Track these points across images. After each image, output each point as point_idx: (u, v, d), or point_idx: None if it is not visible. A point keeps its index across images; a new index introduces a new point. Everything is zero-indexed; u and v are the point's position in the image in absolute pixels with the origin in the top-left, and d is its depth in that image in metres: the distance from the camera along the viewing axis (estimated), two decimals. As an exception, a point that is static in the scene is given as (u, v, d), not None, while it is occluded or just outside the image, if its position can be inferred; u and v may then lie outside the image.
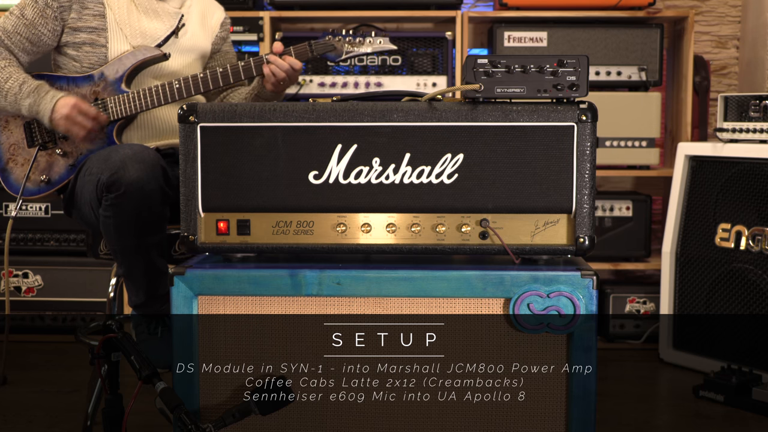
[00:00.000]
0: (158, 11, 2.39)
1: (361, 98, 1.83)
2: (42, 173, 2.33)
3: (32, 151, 2.34)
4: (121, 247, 2.11)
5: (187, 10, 2.46)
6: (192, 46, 2.45)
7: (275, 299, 1.73)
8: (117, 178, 2.03)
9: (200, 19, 2.49)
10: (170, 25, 2.39)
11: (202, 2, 2.53)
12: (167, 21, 2.40)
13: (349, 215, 1.76)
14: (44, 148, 2.34)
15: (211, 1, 2.59)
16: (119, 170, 2.03)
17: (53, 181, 2.33)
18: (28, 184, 2.33)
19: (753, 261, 3.01)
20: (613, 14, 3.49)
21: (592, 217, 1.73)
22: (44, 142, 2.33)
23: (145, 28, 2.35)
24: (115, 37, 2.32)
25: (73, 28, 2.31)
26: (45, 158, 2.34)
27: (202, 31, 2.49)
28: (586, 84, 1.70)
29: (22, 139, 2.36)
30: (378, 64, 3.51)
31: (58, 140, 2.32)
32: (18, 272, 3.59)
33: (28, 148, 2.35)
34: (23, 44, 2.31)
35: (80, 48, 2.32)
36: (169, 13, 2.41)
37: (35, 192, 2.34)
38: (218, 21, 2.55)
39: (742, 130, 3.09)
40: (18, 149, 2.36)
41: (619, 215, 3.59)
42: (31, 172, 2.33)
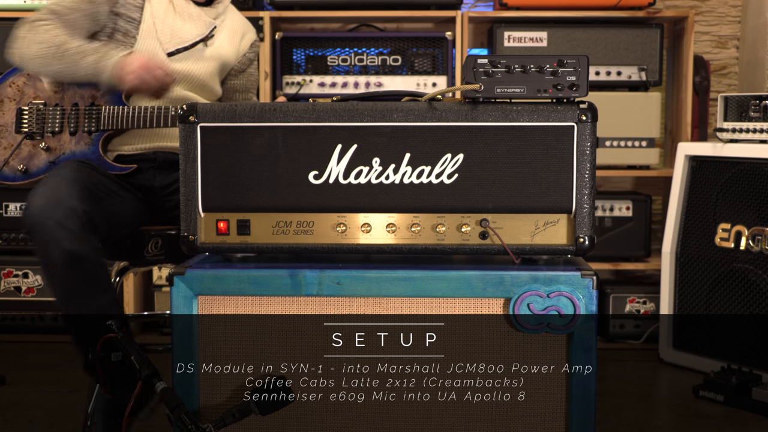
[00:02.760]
0: (194, 16, 2.41)
1: (361, 98, 1.83)
2: (21, 162, 2.32)
3: (18, 137, 2.34)
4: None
5: (220, 22, 2.48)
6: (215, 56, 2.46)
7: (275, 299, 1.73)
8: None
9: (230, 34, 2.51)
10: (201, 32, 2.42)
11: (236, 18, 2.56)
12: (199, 28, 2.42)
13: (349, 215, 1.76)
14: (31, 138, 2.33)
15: (245, 20, 2.62)
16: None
17: (30, 173, 2.32)
18: (6, 169, 2.32)
19: (753, 261, 3.01)
20: (613, 14, 3.49)
21: (592, 217, 1.73)
22: (32, 132, 2.33)
23: (177, 29, 2.38)
24: (146, 33, 2.33)
25: (115, 13, 2.32)
26: (28, 148, 2.33)
27: (229, 45, 2.51)
28: (586, 84, 1.70)
29: (11, 123, 2.35)
30: (378, 64, 3.51)
31: (46, 134, 2.32)
32: (18, 272, 3.59)
33: (14, 134, 2.34)
34: (81, 21, 2.30)
35: (113, 35, 2.33)
36: (204, 21, 2.43)
37: (10, 178, 2.33)
38: (248, 41, 2.58)
39: (742, 130, 3.09)
40: (4, 132, 2.35)
41: (619, 215, 3.59)
42: (11, 158, 2.32)
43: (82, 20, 2.31)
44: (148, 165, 2.37)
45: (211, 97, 2.52)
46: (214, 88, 2.50)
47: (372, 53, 3.50)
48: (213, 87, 2.50)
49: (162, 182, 2.37)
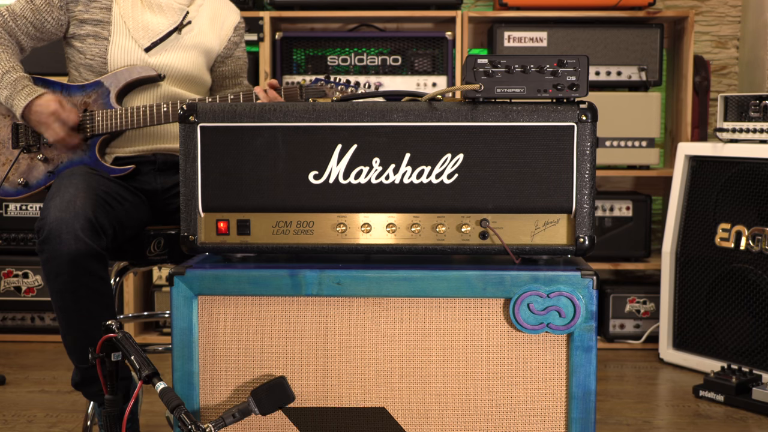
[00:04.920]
0: (163, 6, 2.39)
1: (361, 98, 1.83)
2: (21, 176, 2.34)
3: (15, 152, 2.35)
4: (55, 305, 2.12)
5: (197, 8, 2.44)
6: (196, 44, 2.43)
7: (275, 299, 1.73)
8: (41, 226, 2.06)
9: (211, 19, 2.47)
10: (174, 21, 2.39)
11: (216, 3, 2.51)
12: (171, 17, 2.39)
13: (349, 215, 1.76)
14: (28, 151, 2.34)
15: (228, 3, 2.57)
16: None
17: (31, 185, 2.34)
18: (6, 184, 2.35)
19: (753, 261, 3.01)
20: (613, 14, 3.50)
21: (592, 217, 1.72)
22: (29, 145, 2.34)
23: (148, 22, 2.35)
24: (118, 30, 2.32)
25: (80, 20, 2.32)
26: (26, 161, 2.35)
27: (211, 30, 2.47)
28: (586, 84, 1.70)
29: (8, 139, 2.36)
30: (378, 64, 3.51)
31: (42, 145, 2.33)
32: (18, 272, 3.59)
33: (12, 149, 2.36)
34: (27, 29, 2.32)
35: (84, 40, 2.33)
36: (174, 9, 2.40)
37: (12, 193, 2.36)
38: (232, 24, 2.53)
39: (742, 130, 3.09)
40: (2, 148, 2.36)
41: (619, 215, 3.59)
42: (10, 173, 2.34)
43: (27, 27, 2.32)
44: (148, 167, 2.36)
45: (200, 89, 2.48)
46: (201, 78, 2.47)
47: (372, 53, 3.51)
48: (201, 77, 2.46)
49: (164, 185, 2.37)
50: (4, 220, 3.61)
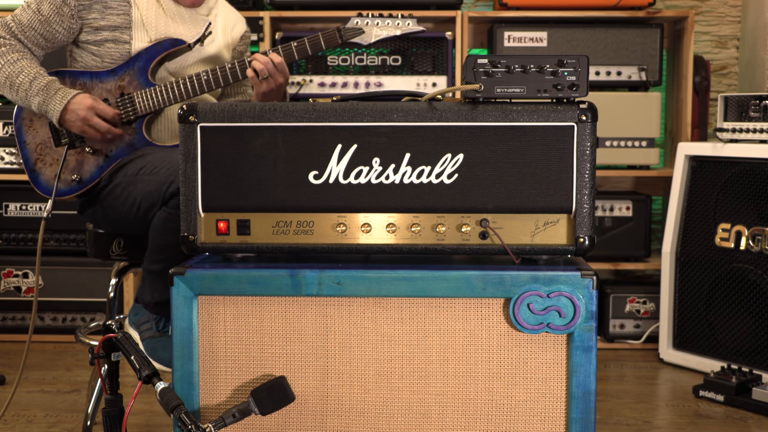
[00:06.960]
0: (185, 17, 2.37)
1: (361, 98, 1.83)
2: (72, 172, 2.29)
3: (61, 150, 2.30)
4: (169, 244, 2.11)
5: (213, 18, 2.44)
6: (214, 53, 2.43)
7: (275, 299, 1.73)
8: None
9: (223, 28, 2.48)
10: (197, 32, 2.37)
11: (226, 11, 2.51)
12: (194, 28, 2.38)
13: (349, 215, 1.76)
14: (72, 147, 2.29)
15: (235, 11, 2.57)
16: None
17: (84, 180, 2.30)
18: (60, 184, 2.29)
19: (753, 261, 3.01)
20: (613, 14, 3.50)
21: (592, 217, 1.72)
22: (72, 140, 2.29)
23: (172, 32, 2.34)
24: (139, 36, 2.30)
25: (95, 28, 2.30)
26: (74, 157, 2.30)
27: (223, 40, 2.47)
28: (586, 84, 1.70)
29: (48, 138, 2.31)
30: (378, 64, 3.51)
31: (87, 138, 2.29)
32: (18, 272, 3.59)
33: (55, 147, 2.31)
34: (37, 39, 2.29)
35: (102, 45, 2.30)
36: (197, 21, 2.39)
37: (67, 192, 2.31)
38: (239, 33, 2.53)
39: (742, 130, 3.09)
40: (45, 149, 2.32)
41: (619, 215, 3.59)
42: (61, 172, 2.29)
43: (37, 39, 2.29)
44: None
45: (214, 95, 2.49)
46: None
47: (372, 53, 3.51)
48: None
49: None
50: (4, 220, 3.61)
